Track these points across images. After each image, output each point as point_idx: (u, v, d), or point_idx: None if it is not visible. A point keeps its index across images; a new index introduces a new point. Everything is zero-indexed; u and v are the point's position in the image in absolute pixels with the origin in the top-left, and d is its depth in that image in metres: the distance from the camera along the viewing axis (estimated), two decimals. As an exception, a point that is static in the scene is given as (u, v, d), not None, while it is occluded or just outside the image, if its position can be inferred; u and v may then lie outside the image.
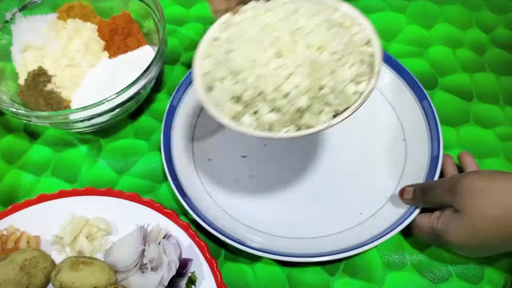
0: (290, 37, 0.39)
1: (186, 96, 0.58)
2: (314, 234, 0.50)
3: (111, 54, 0.60)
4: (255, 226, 0.50)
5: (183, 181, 0.51)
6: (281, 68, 0.38)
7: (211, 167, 0.55)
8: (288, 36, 0.39)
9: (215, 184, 0.54)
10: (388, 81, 0.58)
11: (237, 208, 0.52)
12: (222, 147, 0.56)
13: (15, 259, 0.44)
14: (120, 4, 0.63)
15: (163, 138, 0.54)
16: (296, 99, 0.38)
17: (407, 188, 0.48)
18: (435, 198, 0.45)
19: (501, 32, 0.67)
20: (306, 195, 0.53)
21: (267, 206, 0.52)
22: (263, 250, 0.46)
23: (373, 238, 0.47)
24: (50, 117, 0.50)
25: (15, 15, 0.60)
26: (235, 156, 0.56)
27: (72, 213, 0.50)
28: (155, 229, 0.48)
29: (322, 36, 0.39)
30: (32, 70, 0.58)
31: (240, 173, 0.54)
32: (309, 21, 0.40)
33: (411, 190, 0.48)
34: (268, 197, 0.53)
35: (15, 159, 0.58)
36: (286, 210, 0.52)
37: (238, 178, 0.54)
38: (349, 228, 0.50)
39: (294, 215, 0.52)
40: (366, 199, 0.52)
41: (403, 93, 0.57)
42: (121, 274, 0.46)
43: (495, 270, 0.48)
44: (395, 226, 0.47)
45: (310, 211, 0.52)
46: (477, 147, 0.56)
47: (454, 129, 0.58)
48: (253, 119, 0.40)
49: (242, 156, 0.56)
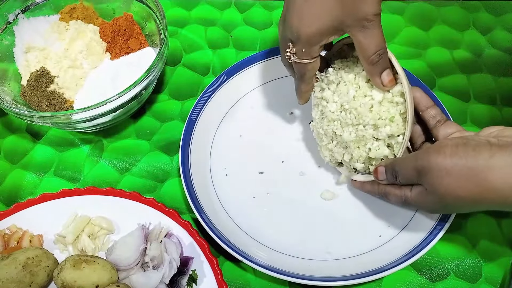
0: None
1: (204, 111, 0.57)
2: (327, 257, 0.49)
3: (113, 55, 0.61)
4: (270, 244, 0.50)
5: (199, 196, 0.51)
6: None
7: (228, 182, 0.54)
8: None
9: (231, 200, 0.53)
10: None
11: (252, 225, 0.51)
12: (239, 162, 0.56)
13: (17, 257, 0.44)
14: (122, 5, 0.63)
15: (181, 153, 0.53)
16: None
17: (379, 168, 0.46)
18: (405, 179, 0.43)
19: (499, 33, 0.67)
20: (322, 215, 0.52)
21: (283, 225, 0.51)
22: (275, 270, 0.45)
23: (388, 266, 0.45)
24: (53, 118, 0.51)
25: (18, 17, 0.60)
26: (252, 172, 0.55)
27: (75, 212, 0.50)
28: (156, 228, 0.49)
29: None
30: (35, 71, 0.58)
31: (257, 190, 0.54)
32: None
33: (383, 171, 0.45)
34: (283, 215, 0.52)
35: (18, 159, 0.58)
36: (300, 229, 0.51)
37: (255, 195, 0.53)
38: (367, 251, 0.49)
39: (308, 235, 0.50)
40: (386, 221, 0.51)
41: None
42: (123, 272, 0.47)
43: (493, 268, 0.49)
44: (411, 254, 0.46)
45: (325, 231, 0.51)
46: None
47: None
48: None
49: (259, 172, 0.55)
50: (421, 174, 0.41)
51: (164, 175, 0.57)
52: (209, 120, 0.57)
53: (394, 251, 0.47)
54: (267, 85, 0.61)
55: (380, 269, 0.45)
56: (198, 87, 0.64)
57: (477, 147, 0.38)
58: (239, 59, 0.62)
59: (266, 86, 0.61)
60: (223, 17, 0.71)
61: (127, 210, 0.50)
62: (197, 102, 0.57)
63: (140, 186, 0.56)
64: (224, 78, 0.59)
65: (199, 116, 0.56)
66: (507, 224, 0.51)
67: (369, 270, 0.45)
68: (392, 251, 0.47)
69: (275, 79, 0.61)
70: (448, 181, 0.39)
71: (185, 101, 0.62)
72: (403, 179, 0.43)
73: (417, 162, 0.41)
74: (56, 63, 0.59)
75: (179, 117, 0.61)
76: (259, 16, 0.71)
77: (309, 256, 0.49)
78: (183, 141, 0.54)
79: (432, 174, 0.39)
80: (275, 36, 0.69)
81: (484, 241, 0.50)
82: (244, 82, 0.60)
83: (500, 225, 0.51)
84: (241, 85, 0.60)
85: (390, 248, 0.48)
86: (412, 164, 0.42)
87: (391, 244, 0.49)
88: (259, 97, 0.60)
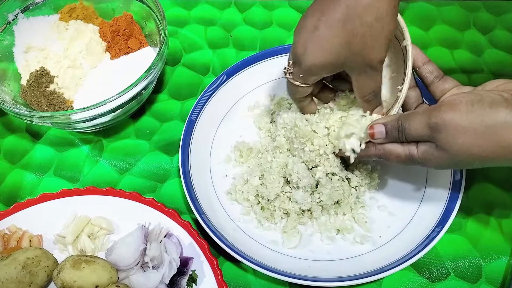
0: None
1: (204, 111, 0.57)
2: (327, 257, 0.49)
3: (113, 55, 0.61)
4: (269, 245, 0.50)
5: (199, 196, 0.51)
6: None
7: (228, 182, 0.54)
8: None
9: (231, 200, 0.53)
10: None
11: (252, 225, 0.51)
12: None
13: (17, 258, 0.44)
14: (121, 5, 0.63)
15: (181, 153, 0.53)
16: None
17: (377, 125, 0.43)
18: (412, 136, 0.41)
19: (499, 33, 0.67)
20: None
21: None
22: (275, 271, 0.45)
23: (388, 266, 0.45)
24: (53, 118, 0.51)
25: (17, 17, 0.60)
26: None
27: (74, 212, 0.50)
28: (156, 228, 0.49)
29: None
30: (35, 71, 0.58)
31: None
32: None
33: (382, 128, 0.43)
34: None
35: (17, 159, 0.58)
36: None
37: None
38: (367, 252, 0.49)
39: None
40: (387, 221, 0.50)
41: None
42: (122, 272, 0.47)
43: (493, 269, 0.49)
44: (412, 255, 0.45)
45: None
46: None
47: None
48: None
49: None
50: (434, 131, 0.39)
51: (164, 175, 0.57)
52: (209, 120, 0.57)
53: (394, 252, 0.47)
54: (267, 85, 0.61)
55: (380, 270, 0.45)
56: (198, 87, 0.63)
57: (493, 104, 0.37)
58: (239, 59, 0.62)
59: (266, 86, 0.61)
60: (223, 16, 0.71)
61: (127, 210, 0.50)
62: (197, 102, 0.57)
63: (140, 186, 0.56)
64: (224, 78, 0.59)
65: (199, 116, 0.56)
66: (507, 224, 0.51)
67: (369, 271, 0.45)
68: (392, 251, 0.47)
69: (275, 79, 0.61)
70: (464, 139, 0.38)
71: (185, 101, 0.62)
72: (410, 136, 0.41)
73: (430, 119, 0.39)
74: (56, 63, 0.59)
75: (179, 117, 0.61)
76: (259, 16, 0.71)
77: (309, 257, 0.49)
78: (183, 141, 0.54)
79: (448, 131, 0.38)
80: (275, 36, 0.69)
81: (484, 241, 0.50)
82: (244, 82, 0.60)
83: (500, 225, 0.51)
84: (241, 85, 0.60)
85: (390, 248, 0.48)
86: (423, 120, 0.40)
87: (391, 244, 0.49)
88: (259, 97, 0.60)
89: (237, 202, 0.52)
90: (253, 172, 0.53)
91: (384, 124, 0.43)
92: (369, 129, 0.44)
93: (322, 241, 0.50)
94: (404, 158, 0.43)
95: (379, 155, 0.45)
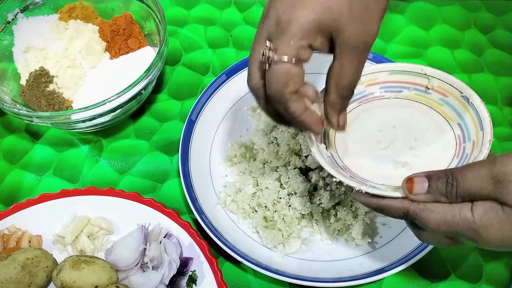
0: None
1: (204, 111, 0.57)
2: (328, 258, 0.49)
3: (113, 55, 0.61)
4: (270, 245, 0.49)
5: (199, 197, 0.51)
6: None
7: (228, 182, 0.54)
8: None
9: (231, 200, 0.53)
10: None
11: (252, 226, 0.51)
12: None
13: (16, 258, 0.44)
14: (121, 5, 0.63)
15: (180, 153, 0.53)
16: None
17: (418, 178, 0.34)
18: (468, 190, 0.32)
19: (500, 33, 0.67)
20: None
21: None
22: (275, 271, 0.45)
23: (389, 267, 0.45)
24: (52, 118, 0.51)
25: (17, 16, 0.60)
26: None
27: (74, 213, 0.50)
28: (156, 228, 0.48)
29: None
30: (34, 71, 0.58)
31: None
32: None
33: (424, 180, 0.33)
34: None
35: (17, 159, 0.58)
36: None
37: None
38: (367, 252, 0.48)
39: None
40: (387, 221, 0.50)
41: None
42: (122, 273, 0.47)
43: (494, 269, 0.48)
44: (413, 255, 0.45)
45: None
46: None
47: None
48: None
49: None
50: (501, 183, 0.31)
51: (163, 175, 0.56)
52: (209, 120, 0.57)
53: (395, 252, 0.47)
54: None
55: (380, 270, 0.45)
56: (198, 86, 0.63)
57: None
58: (239, 58, 0.61)
59: None
60: (223, 16, 0.70)
61: (126, 211, 0.50)
62: (197, 102, 0.57)
63: (139, 186, 0.56)
64: (224, 78, 0.59)
65: (199, 116, 0.56)
66: (508, 225, 0.51)
67: (370, 271, 0.45)
68: (393, 251, 0.47)
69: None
70: None
71: (184, 101, 0.62)
72: (465, 190, 0.32)
73: (494, 167, 0.31)
74: (55, 62, 0.59)
75: (179, 117, 0.61)
76: (259, 15, 0.69)
77: (309, 257, 0.49)
78: (183, 141, 0.54)
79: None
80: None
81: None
82: (244, 82, 0.60)
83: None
84: (241, 85, 0.60)
85: (391, 248, 0.48)
86: (484, 170, 0.31)
87: (391, 244, 0.49)
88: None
89: (232, 212, 0.52)
90: (245, 180, 0.52)
91: (428, 176, 0.33)
92: (407, 181, 0.34)
93: (322, 241, 0.50)
94: (449, 224, 0.32)
95: (414, 214, 0.34)
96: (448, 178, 0.32)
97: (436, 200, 0.33)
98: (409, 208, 0.34)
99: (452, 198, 0.32)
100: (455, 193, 0.32)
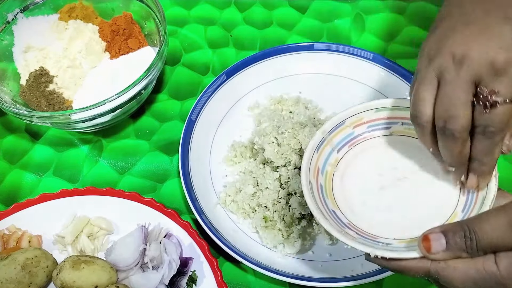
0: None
1: (204, 111, 0.57)
2: (328, 258, 0.49)
3: (112, 54, 0.61)
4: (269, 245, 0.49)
5: (199, 197, 0.51)
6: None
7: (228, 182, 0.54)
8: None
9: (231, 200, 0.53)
10: (391, 83, 0.58)
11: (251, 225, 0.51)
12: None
13: (16, 258, 0.44)
14: (121, 5, 0.63)
15: (180, 153, 0.53)
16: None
17: (434, 235, 0.32)
18: (490, 242, 0.30)
19: (500, 33, 0.67)
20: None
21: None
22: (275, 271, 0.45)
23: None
24: (52, 118, 0.51)
25: (17, 16, 0.60)
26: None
27: (74, 213, 0.50)
28: (156, 228, 0.48)
29: None
30: (34, 71, 0.58)
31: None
32: None
33: (441, 237, 0.32)
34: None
35: (17, 159, 0.58)
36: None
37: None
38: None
39: (308, 237, 0.50)
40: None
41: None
42: (122, 273, 0.47)
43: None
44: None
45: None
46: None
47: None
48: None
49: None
50: None
51: (163, 175, 0.56)
52: (209, 120, 0.57)
53: None
54: (267, 85, 0.61)
55: (381, 270, 0.45)
56: (198, 86, 0.63)
57: None
58: (239, 58, 0.61)
59: (266, 86, 0.61)
60: (223, 16, 0.70)
61: (126, 211, 0.50)
62: (197, 102, 0.57)
63: (139, 186, 0.56)
64: (224, 78, 0.59)
65: (199, 116, 0.56)
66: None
67: (370, 271, 0.45)
68: None
69: (275, 79, 0.61)
70: None
71: (184, 101, 0.62)
72: (485, 243, 0.30)
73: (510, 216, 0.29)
74: (55, 62, 0.59)
75: (179, 117, 0.61)
76: (259, 15, 0.71)
77: (309, 257, 0.49)
78: (182, 141, 0.54)
79: None
80: (275, 35, 0.68)
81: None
82: (244, 82, 0.60)
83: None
84: (241, 85, 0.60)
85: None
86: (503, 218, 0.29)
87: None
88: (259, 97, 0.60)
89: (232, 212, 0.52)
90: (245, 180, 0.52)
91: (443, 232, 0.32)
92: (423, 240, 0.32)
93: (322, 241, 0.50)
94: (475, 280, 0.30)
95: (435, 273, 0.32)
96: (465, 232, 0.31)
97: (457, 256, 0.31)
98: (430, 268, 0.32)
99: (474, 252, 0.31)
100: (475, 247, 0.30)
